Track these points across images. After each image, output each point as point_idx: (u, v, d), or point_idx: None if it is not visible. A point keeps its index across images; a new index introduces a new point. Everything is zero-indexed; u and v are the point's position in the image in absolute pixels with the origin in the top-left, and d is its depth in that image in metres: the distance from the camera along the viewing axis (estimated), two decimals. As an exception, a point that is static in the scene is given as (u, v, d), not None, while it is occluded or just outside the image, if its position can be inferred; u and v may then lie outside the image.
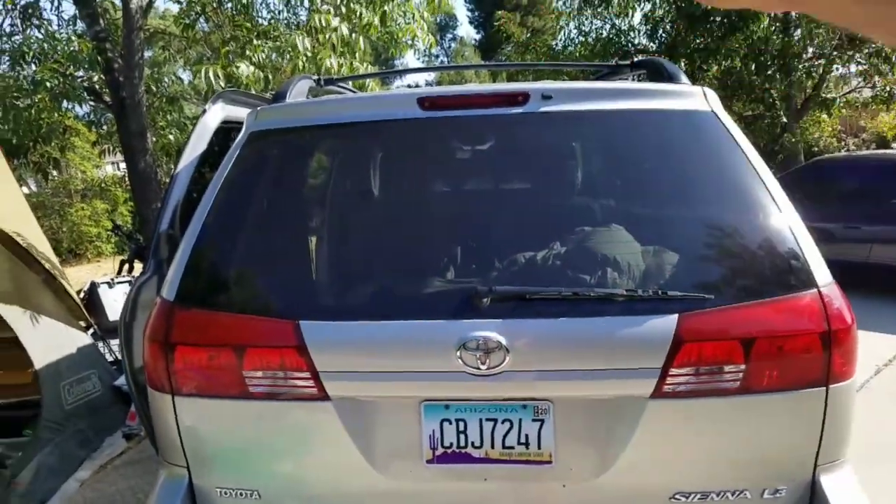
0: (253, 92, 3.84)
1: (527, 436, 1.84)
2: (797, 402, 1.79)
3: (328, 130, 2.16)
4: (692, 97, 2.10)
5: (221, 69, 5.32)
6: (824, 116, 12.37)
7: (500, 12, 14.28)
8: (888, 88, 11.20)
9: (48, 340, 3.77)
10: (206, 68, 5.24)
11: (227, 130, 2.80)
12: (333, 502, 1.94)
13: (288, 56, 5.70)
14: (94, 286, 5.39)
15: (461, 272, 1.92)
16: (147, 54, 8.44)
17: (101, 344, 4.45)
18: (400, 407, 1.86)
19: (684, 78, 2.40)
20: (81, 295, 5.28)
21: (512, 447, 1.84)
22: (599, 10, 11.57)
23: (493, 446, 1.85)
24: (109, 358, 4.43)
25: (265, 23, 6.33)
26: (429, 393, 1.84)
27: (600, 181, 2.21)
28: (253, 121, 2.20)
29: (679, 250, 1.90)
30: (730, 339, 1.76)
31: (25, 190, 15.99)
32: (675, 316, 1.76)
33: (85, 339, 4.18)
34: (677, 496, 1.86)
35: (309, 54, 5.58)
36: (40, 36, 6.46)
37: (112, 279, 5.53)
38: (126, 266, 5.60)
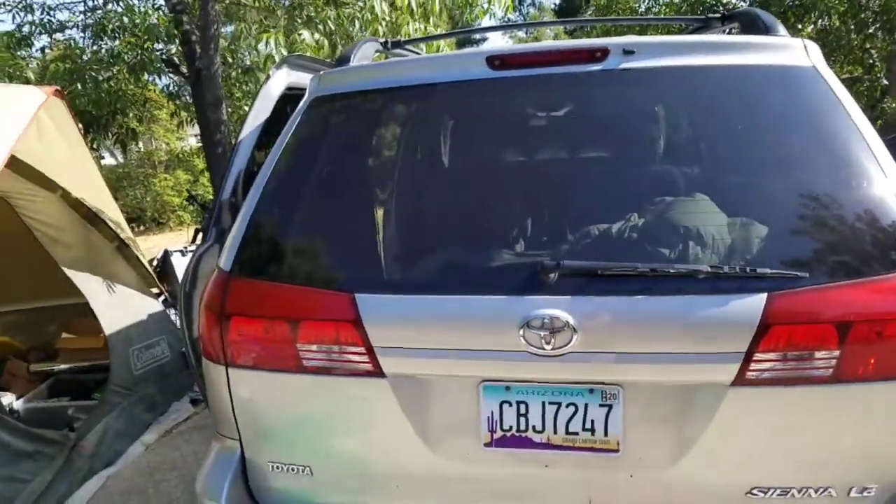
0: (319, 58, 3.77)
1: (592, 422, 1.71)
2: (894, 393, 1.61)
3: (392, 94, 2.06)
4: (792, 51, 1.90)
5: (284, 37, 5.28)
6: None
7: None
8: None
9: (119, 306, 3.88)
10: (268, 36, 5.21)
11: (293, 97, 2.74)
12: (388, 482, 1.87)
13: (358, 23, 5.61)
14: (167, 254, 5.54)
15: (529, 245, 1.80)
16: (227, 29, 8.55)
17: (171, 311, 4.55)
18: (458, 386, 1.76)
19: (783, 29, 2.17)
20: (155, 263, 5.42)
21: (576, 433, 1.72)
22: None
23: (555, 431, 1.73)
24: (180, 325, 4.52)
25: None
26: (488, 373, 1.73)
27: (686, 146, 2.02)
28: (316, 85, 2.13)
29: (770, 224, 1.72)
30: (823, 322, 1.60)
31: (111, 161, 16.81)
32: (764, 296, 1.60)
33: (156, 305, 4.29)
34: (755, 491, 1.70)
35: (387, 18, 5.46)
36: (119, 10, 6.61)
37: (185, 247, 5.66)
38: (200, 235, 5.73)
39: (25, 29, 6.66)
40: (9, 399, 3.76)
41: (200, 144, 12.77)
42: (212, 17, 6.05)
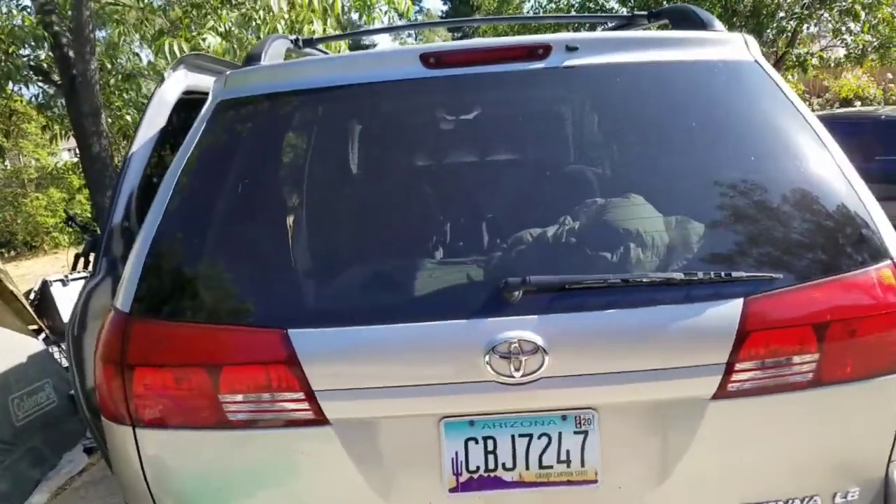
0: (222, 59, 3.41)
1: (568, 452, 1.54)
2: (873, 391, 1.57)
3: (314, 95, 1.82)
4: (732, 45, 1.85)
5: (185, 41, 4.84)
6: (791, 77, 12.33)
7: None
8: (860, 46, 11.29)
9: (-8, 350, 3.36)
10: (169, 42, 4.75)
11: (190, 103, 2.40)
12: None
13: (255, 24, 5.23)
14: (45, 285, 4.94)
15: (482, 261, 1.62)
16: (101, 34, 7.86)
17: (55, 349, 4.06)
18: (415, 427, 1.54)
19: (719, 24, 2.10)
20: (32, 295, 4.83)
21: (550, 466, 1.54)
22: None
23: (527, 467, 1.54)
24: (66, 364, 4.02)
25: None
26: (450, 409, 1.52)
27: (640, 147, 1.89)
28: (221, 88, 1.86)
29: (737, 225, 1.63)
30: (801, 324, 1.53)
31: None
32: (740, 301, 1.51)
33: (36, 345, 3.79)
34: None
35: (286, 16, 5.12)
36: (-23, 11, 5.88)
37: (66, 276, 5.07)
38: (81, 260, 5.17)
39: None
40: None
41: (76, 159, 11.83)
42: (85, 19, 5.47)
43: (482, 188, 1.81)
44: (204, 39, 4.88)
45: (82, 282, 4.97)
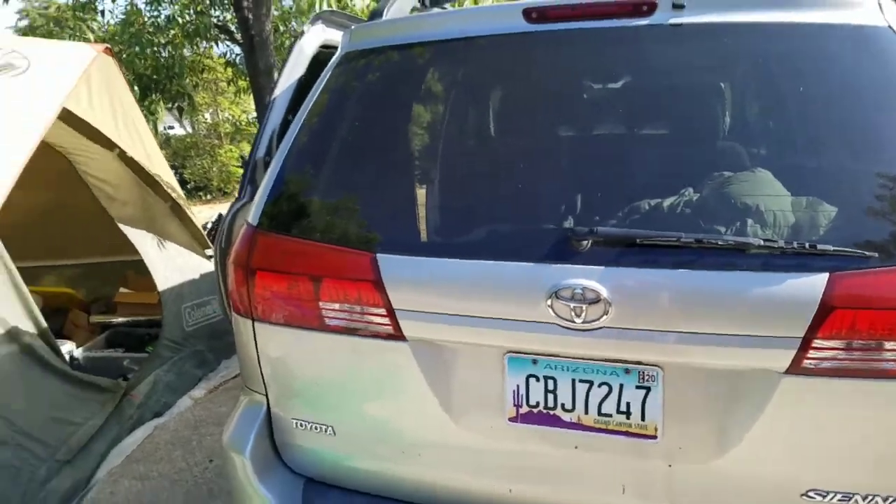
0: (356, 16, 3.61)
1: (628, 404, 1.55)
2: None
3: (423, 48, 1.91)
4: (863, 8, 1.62)
5: (336, 1, 5.13)
6: None
7: None
8: None
9: (172, 265, 3.90)
10: (319, 1, 5.06)
11: (329, 56, 2.59)
12: (410, 449, 1.76)
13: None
14: (220, 218, 5.53)
15: (564, 215, 1.63)
16: (287, 2, 8.43)
17: (223, 272, 4.53)
18: (482, 356, 1.63)
19: None
20: (209, 226, 5.44)
21: (609, 415, 1.56)
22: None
23: (586, 411, 1.57)
24: (217, 281, 4.52)
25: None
26: (514, 344, 1.59)
27: (742, 114, 1.80)
28: (348, 40, 2.00)
29: (838, 202, 1.50)
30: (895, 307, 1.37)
31: (180, 131, 17.13)
32: (825, 276, 1.39)
33: (208, 265, 4.27)
34: (811, 494, 1.51)
35: None
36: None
37: (239, 211, 5.64)
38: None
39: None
40: (69, 347, 3.84)
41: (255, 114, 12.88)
42: (263, -18, 5.94)
43: (571, 146, 1.81)
44: (353, 2, 5.11)
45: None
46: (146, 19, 6.37)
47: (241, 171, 15.02)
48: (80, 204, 4.05)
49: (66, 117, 3.21)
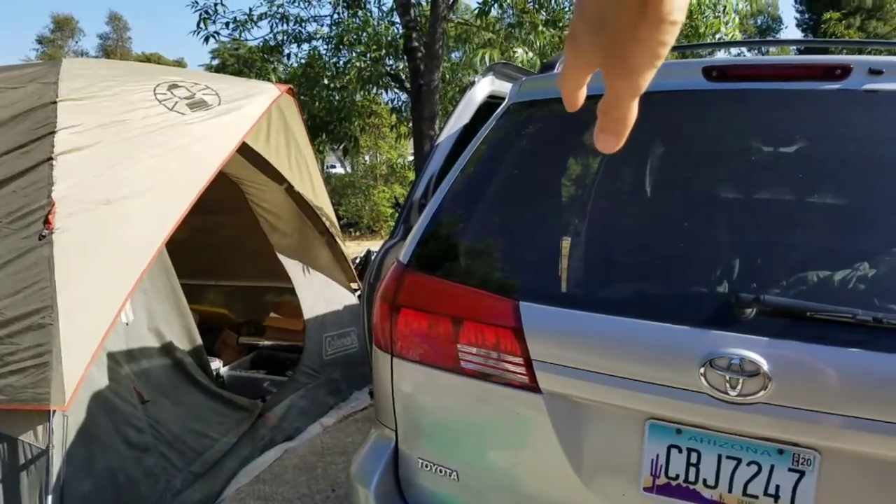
0: (526, 69, 3.78)
1: (777, 487, 1.47)
2: None
3: (591, 102, 1.96)
4: None
5: (499, 53, 5.40)
6: None
7: (830, 13, 12.47)
8: None
9: (319, 294, 4.19)
10: (485, 52, 5.35)
11: (495, 106, 2.75)
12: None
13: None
14: (368, 254, 5.88)
15: (722, 276, 1.60)
16: (456, 54, 8.96)
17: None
18: (620, 419, 1.61)
19: None
20: (357, 261, 5.78)
21: (756, 497, 1.49)
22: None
23: (730, 490, 1.51)
24: (361, 314, 4.76)
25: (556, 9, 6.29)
26: (658, 410, 1.56)
27: None
28: (517, 91, 2.10)
29: None
30: None
31: (340, 170, 18.39)
32: None
33: (352, 298, 4.55)
34: None
35: None
36: (357, 23, 7.25)
37: (386, 250, 5.97)
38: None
39: (279, 37, 7.57)
40: (217, 364, 4.22)
41: (410, 158, 13.58)
42: (438, 34, 6.39)
43: (744, 209, 1.78)
44: (514, 52, 5.34)
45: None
46: (326, 63, 7.08)
47: (390, 210, 15.88)
48: (244, 230, 4.50)
49: (244, 150, 3.60)
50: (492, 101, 2.75)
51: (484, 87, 2.71)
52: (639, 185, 1.99)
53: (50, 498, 2.37)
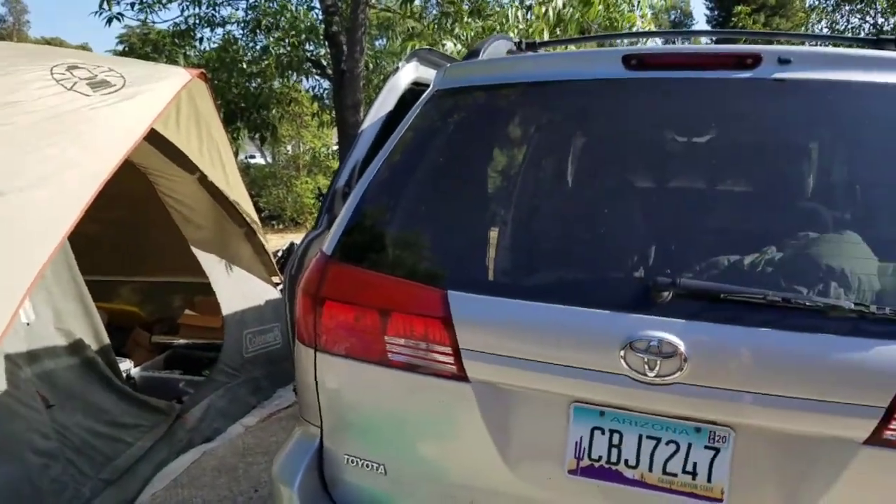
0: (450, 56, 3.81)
1: (695, 464, 1.55)
2: None
3: (517, 90, 2.01)
4: None
5: (427, 44, 5.44)
6: None
7: (739, 7, 13.15)
8: None
9: (238, 290, 4.09)
10: (413, 44, 5.37)
11: (419, 93, 2.75)
12: (462, 494, 1.80)
13: (497, 31, 5.69)
14: (292, 246, 5.81)
15: (643, 265, 1.68)
16: (380, 42, 8.90)
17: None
18: (546, 404, 1.67)
19: None
20: (280, 254, 5.68)
21: (674, 474, 1.57)
22: (860, 5, 10.15)
23: (650, 469, 1.58)
24: (283, 309, 4.69)
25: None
26: (582, 393, 1.62)
27: (841, 175, 1.81)
28: (441, 78, 2.12)
29: None
30: None
31: (261, 161, 17.98)
32: None
33: (274, 293, 4.46)
34: None
35: (520, 26, 5.51)
36: (275, 7, 7.10)
37: (308, 243, 5.89)
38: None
39: (191, 20, 7.34)
40: (127, 365, 4.06)
41: (335, 147, 13.41)
42: (360, 21, 6.35)
43: (661, 197, 1.86)
44: (444, 45, 5.41)
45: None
46: (242, 48, 6.92)
47: (314, 202, 15.64)
48: (155, 223, 4.34)
49: (152, 137, 3.45)
50: (416, 89, 2.76)
51: (408, 73, 2.71)
52: (561, 174, 2.06)
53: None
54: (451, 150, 2.02)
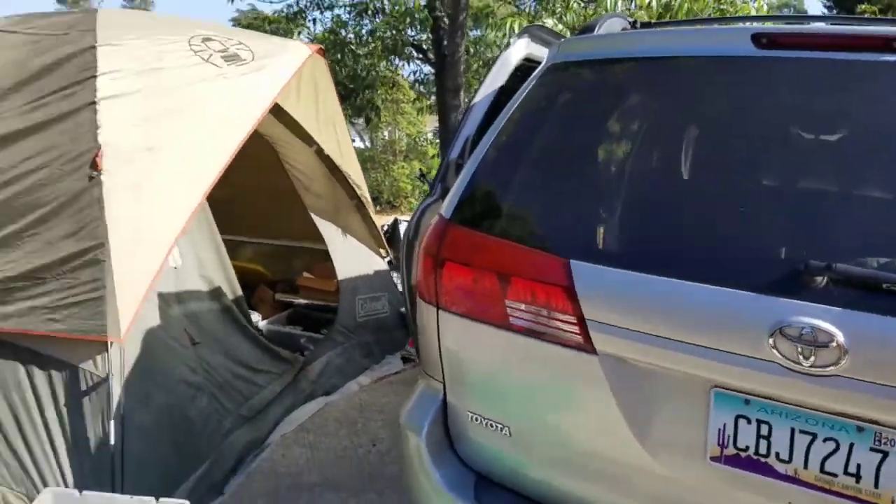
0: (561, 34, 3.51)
1: (859, 466, 1.27)
2: None
3: (639, 65, 1.73)
4: None
5: (528, 22, 5.09)
6: None
7: (863, 6, 11.58)
8: None
9: (351, 257, 4.00)
10: (513, 20, 5.03)
11: (530, 70, 2.50)
12: (591, 466, 1.58)
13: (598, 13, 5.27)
14: (396, 223, 5.68)
15: (793, 243, 1.39)
16: (474, 33, 8.54)
17: (394, 273, 4.62)
18: (682, 385, 1.41)
19: None
20: (385, 228, 5.56)
21: (835, 475, 1.29)
22: None
23: (806, 466, 1.31)
24: (400, 288, 4.57)
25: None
26: (724, 378, 1.36)
27: None
28: (555, 52, 1.88)
29: None
30: None
31: (360, 145, 18.09)
32: None
33: (382, 264, 4.36)
34: None
35: (619, 9, 5.07)
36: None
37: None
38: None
39: (302, 3, 7.26)
40: (256, 318, 4.05)
41: (429, 135, 13.11)
42: (462, 5, 6.05)
43: (804, 176, 1.54)
44: (544, 22, 5.04)
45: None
46: (350, 30, 6.76)
47: (410, 186, 15.54)
48: (278, 190, 4.28)
49: (275, 110, 3.36)
50: (527, 65, 2.51)
51: (519, 48, 2.47)
52: (700, 150, 1.74)
53: (112, 424, 2.31)
54: (569, 122, 1.79)
